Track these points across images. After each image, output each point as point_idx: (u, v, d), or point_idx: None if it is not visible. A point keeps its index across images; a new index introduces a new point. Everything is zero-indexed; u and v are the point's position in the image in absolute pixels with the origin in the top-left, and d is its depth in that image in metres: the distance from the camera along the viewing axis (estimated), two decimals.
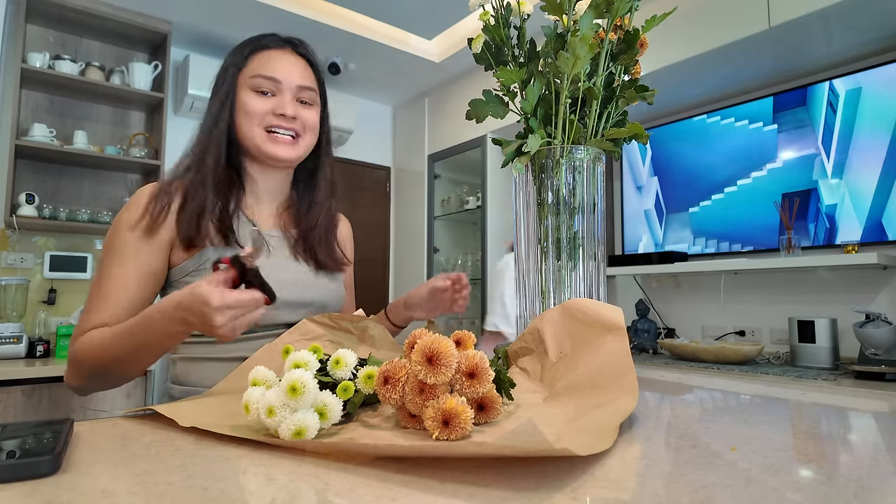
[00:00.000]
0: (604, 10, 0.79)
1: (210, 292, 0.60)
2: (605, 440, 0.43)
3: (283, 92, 0.89)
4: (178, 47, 2.94)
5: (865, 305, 2.16)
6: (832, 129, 2.27)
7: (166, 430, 0.52)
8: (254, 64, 0.89)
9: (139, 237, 0.81)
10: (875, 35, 2.08)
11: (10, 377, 2.00)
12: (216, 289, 0.61)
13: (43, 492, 0.36)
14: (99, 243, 2.73)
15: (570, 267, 0.79)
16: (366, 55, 3.13)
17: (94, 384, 0.80)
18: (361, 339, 0.84)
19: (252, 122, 0.88)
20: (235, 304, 0.61)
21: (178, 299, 0.65)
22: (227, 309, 0.60)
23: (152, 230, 0.82)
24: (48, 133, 2.46)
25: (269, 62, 0.89)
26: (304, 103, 0.92)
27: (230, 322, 0.61)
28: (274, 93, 0.89)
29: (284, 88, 0.89)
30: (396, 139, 3.99)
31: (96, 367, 0.75)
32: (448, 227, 3.65)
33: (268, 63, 0.89)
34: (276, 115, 0.88)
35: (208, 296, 0.60)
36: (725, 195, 2.58)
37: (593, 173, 0.81)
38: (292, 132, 0.90)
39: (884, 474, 0.40)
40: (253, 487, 0.39)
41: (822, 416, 0.64)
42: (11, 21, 2.49)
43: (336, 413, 0.48)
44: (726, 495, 0.35)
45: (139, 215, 0.82)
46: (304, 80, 0.91)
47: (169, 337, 0.69)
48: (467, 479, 0.38)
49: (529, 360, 0.73)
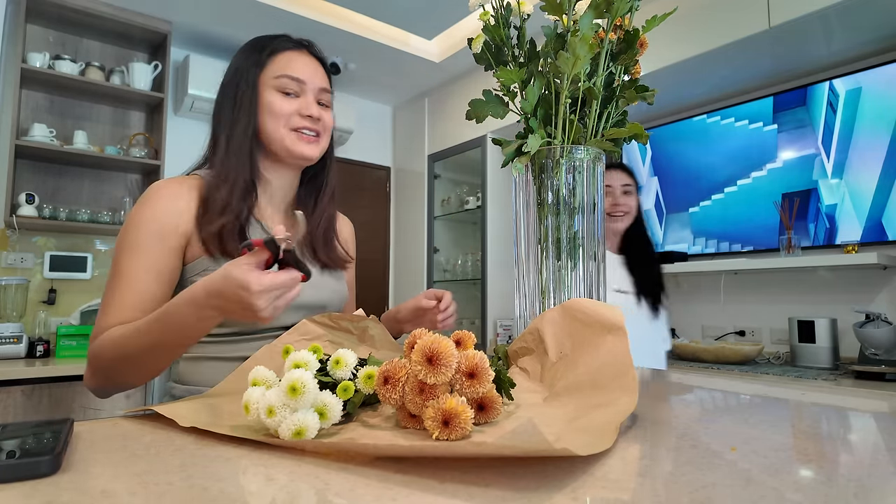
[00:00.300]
0: (604, 10, 0.79)
1: (247, 276, 0.58)
2: (605, 440, 0.43)
3: (306, 93, 0.90)
4: (178, 47, 2.94)
5: (865, 305, 2.16)
6: (832, 129, 2.27)
7: (166, 430, 0.52)
8: (277, 65, 0.90)
9: (156, 233, 0.81)
10: (875, 35, 2.08)
11: (10, 377, 2.00)
12: (252, 272, 0.59)
13: (43, 492, 0.36)
14: (99, 243, 2.73)
15: (570, 267, 0.79)
16: (366, 55, 3.13)
17: (114, 384, 0.79)
18: (361, 339, 0.84)
19: (279, 122, 0.88)
20: (275, 285, 0.60)
21: (210, 286, 0.63)
22: (267, 292, 0.59)
23: (169, 226, 0.81)
24: (48, 133, 2.46)
25: (292, 63, 0.90)
26: (321, 105, 0.93)
27: (271, 304, 0.61)
28: (298, 94, 0.90)
29: (308, 90, 0.90)
30: (396, 139, 3.99)
31: (116, 365, 0.74)
32: (448, 227, 3.65)
33: (291, 64, 0.90)
34: (302, 116, 0.90)
35: (246, 280, 0.58)
36: (725, 195, 2.58)
37: (593, 173, 0.81)
38: (315, 132, 0.91)
39: (884, 474, 0.40)
40: (253, 487, 0.39)
41: (822, 416, 0.64)
42: (11, 21, 2.49)
43: (336, 413, 0.48)
44: (726, 495, 0.35)
45: (156, 211, 0.82)
46: (323, 82, 0.93)
47: (197, 327, 0.67)
48: (467, 479, 0.38)
49: (529, 360, 0.73)
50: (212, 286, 0.63)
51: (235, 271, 0.60)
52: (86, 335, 2.37)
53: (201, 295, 0.64)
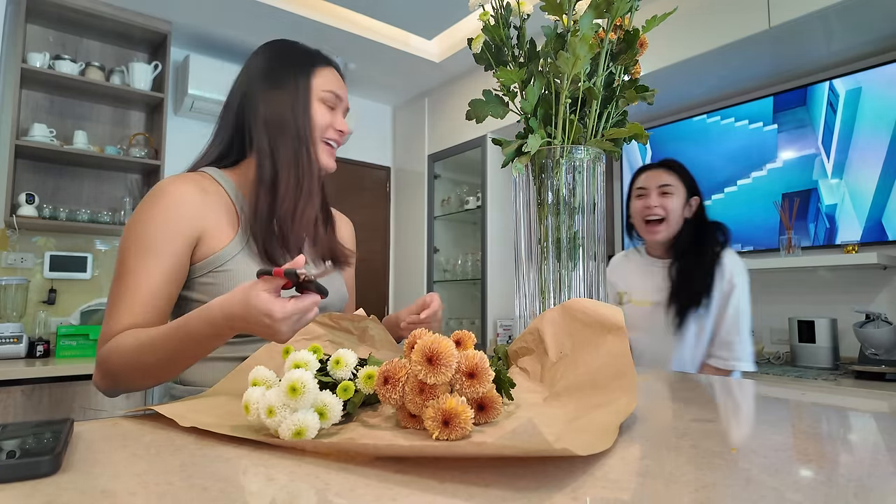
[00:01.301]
0: (604, 10, 0.79)
1: (271, 305, 0.61)
2: (605, 440, 0.43)
3: (339, 108, 0.97)
4: (178, 47, 2.93)
5: (865, 305, 2.16)
6: (832, 129, 2.27)
7: (166, 430, 0.52)
8: (322, 79, 0.94)
9: (168, 233, 0.80)
10: (875, 35, 2.08)
11: (10, 377, 2.00)
12: (275, 301, 0.61)
13: (43, 492, 0.36)
14: (99, 243, 2.73)
15: (570, 267, 0.79)
16: (366, 55, 3.13)
17: (123, 387, 0.79)
18: (361, 339, 0.84)
19: (316, 132, 0.93)
20: (297, 311, 0.63)
21: (228, 310, 0.64)
22: (289, 318, 0.62)
23: (181, 227, 0.81)
24: (48, 133, 2.46)
25: (334, 78, 0.96)
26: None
27: (292, 328, 0.64)
28: (334, 108, 0.96)
29: (341, 106, 0.97)
30: (396, 139, 3.99)
31: (125, 371, 0.74)
32: (448, 227, 3.65)
33: (333, 79, 0.96)
34: (335, 130, 0.95)
35: (270, 309, 0.61)
36: (725, 195, 2.58)
37: (593, 173, 0.81)
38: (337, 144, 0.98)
39: (884, 474, 0.40)
40: (253, 487, 0.39)
41: (822, 416, 0.64)
42: (11, 21, 2.49)
43: (336, 413, 0.48)
44: (726, 495, 0.35)
45: (167, 211, 0.81)
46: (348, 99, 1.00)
47: (213, 343, 0.69)
48: (467, 479, 0.38)
49: (529, 360, 0.73)
50: (231, 311, 0.64)
51: (256, 300, 0.61)
52: (86, 335, 2.37)
53: (219, 317, 0.65)
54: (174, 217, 0.81)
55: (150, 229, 0.80)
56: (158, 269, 0.79)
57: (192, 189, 0.84)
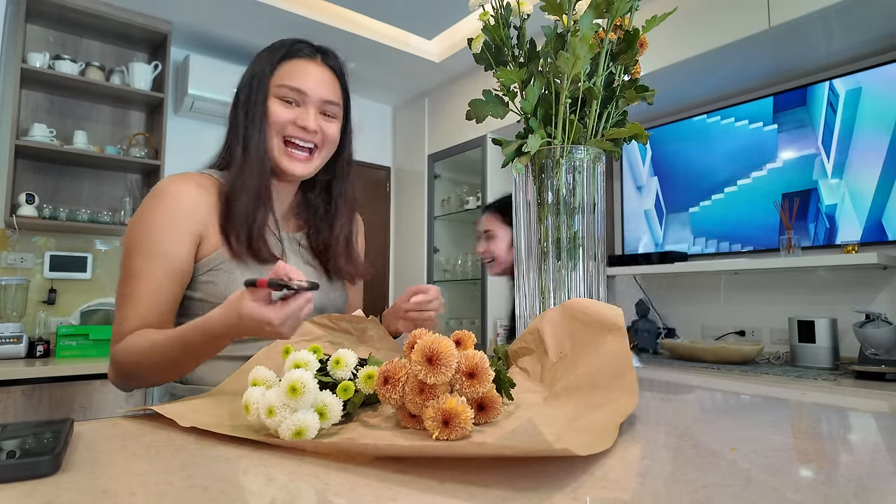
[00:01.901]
0: (604, 10, 0.79)
1: (266, 314, 0.62)
2: (605, 440, 0.43)
3: (307, 104, 0.89)
4: (178, 47, 2.93)
5: (865, 305, 2.16)
6: (832, 129, 2.27)
7: (166, 430, 0.52)
8: (282, 73, 0.89)
9: (171, 233, 0.80)
10: (875, 35, 2.08)
11: (10, 377, 2.00)
12: (268, 309, 0.62)
13: (43, 492, 0.36)
14: (99, 243, 2.73)
15: (570, 267, 0.79)
16: (366, 55, 3.13)
17: (136, 384, 0.82)
18: (361, 340, 0.84)
19: (272, 130, 0.88)
20: (294, 311, 0.63)
21: (228, 322, 0.65)
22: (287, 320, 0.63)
23: (184, 226, 0.81)
24: (48, 133, 2.46)
25: (296, 72, 0.88)
26: (326, 116, 0.92)
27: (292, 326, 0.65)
28: (298, 103, 0.89)
29: (309, 101, 0.89)
30: (396, 139, 3.99)
31: (136, 370, 0.77)
32: (448, 227, 3.65)
33: (295, 73, 0.88)
34: (296, 126, 0.88)
35: (267, 317, 0.62)
36: (725, 195, 2.58)
37: (593, 173, 0.81)
38: (312, 144, 0.90)
39: (884, 474, 0.40)
40: (253, 487, 0.39)
41: (822, 416, 0.64)
42: (11, 21, 2.49)
43: (336, 413, 0.48)
44: (726, 495, 0.35)
45: (170, 211, 0.81)
46: (329, 94, 0.91)
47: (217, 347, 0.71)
48: (467, 479, 0.38)
49: (529, 360, 0.73)
50: (230, 322, 0.65)
51: (251, 312, 0.62)
52: (86, 335, 2.37)
53: (220, 328, 0.67)
54: (175, 217, 0.81)
55: (153, 230, 0.80)
56: (162, 271, 0.79)
57: (192, 188, 0.84)
